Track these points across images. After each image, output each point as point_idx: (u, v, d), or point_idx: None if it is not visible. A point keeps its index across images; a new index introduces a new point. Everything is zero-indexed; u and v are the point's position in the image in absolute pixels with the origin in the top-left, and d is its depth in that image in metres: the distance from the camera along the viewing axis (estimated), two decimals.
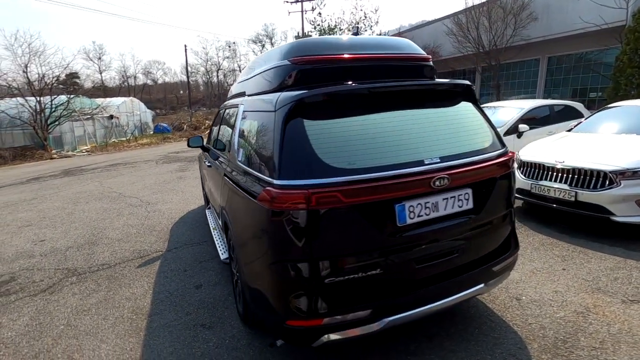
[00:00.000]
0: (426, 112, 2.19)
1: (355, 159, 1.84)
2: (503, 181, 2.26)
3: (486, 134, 2.28)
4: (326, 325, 1.85)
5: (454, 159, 2.00)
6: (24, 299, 3.34)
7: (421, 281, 2.02)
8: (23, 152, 15.77)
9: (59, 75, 17.30)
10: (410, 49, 2.60)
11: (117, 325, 2.81)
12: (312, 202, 1.73)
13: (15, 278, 3.81)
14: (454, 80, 2.40)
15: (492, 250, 2.27)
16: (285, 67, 2.27)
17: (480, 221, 2.15)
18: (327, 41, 2.47)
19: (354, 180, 1.77)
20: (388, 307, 1.93)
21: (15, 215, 6.35)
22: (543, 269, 3.29)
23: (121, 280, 3.58)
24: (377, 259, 1.89)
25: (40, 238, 5.03)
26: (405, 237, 1.90)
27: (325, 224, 1.78)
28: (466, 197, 2.05)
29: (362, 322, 1.89)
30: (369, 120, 2.02)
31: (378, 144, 1.93)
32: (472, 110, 2.36)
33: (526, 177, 4.66)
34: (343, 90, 2.00)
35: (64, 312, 3.05)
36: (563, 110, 7.35)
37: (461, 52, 12.09)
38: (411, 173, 1.86)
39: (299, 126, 1.89)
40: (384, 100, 2.12)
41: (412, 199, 1.89)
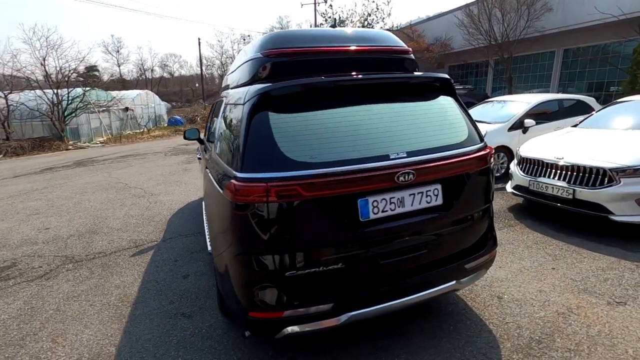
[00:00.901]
0: (398, 106, 2.16)
1: (318, 153, 1.83)
2: (479, 177, 2.21)
3: (462, 129, 2.22)
4: (287, 317, 1.87)
5: (422, 154, 1.97)
6: (21, 284, 3.48)
7: (386, 277, 2.01)
8: (41, 143, 16.28)
9: (75, 68, 17.70)
10: (389, 41, 2.56)
11: (102, 311, 2.90)
12: (272, 196, 1.74)
13: (16, 264, 3.97)
14: (430, 74, 2.35)
15: (465, 247, 2.23)
16: (258, 60, 2.27)
17: (451, 218, 2.11)
18: (302, 34, 2.45)
19: (315, 174, 1.77)
20: (351, 302, 1.93)
21: (26, 203, 6.59)
22: (531, 268, 3.22)
23: (114, 269, 3.69)
24: (339, 253, 1.88)
25: (45, 226, 5.22)
26: (368, 232, 1.89)
27: (286, 217, 1.78)
28: (435, 193, 2.02)
29: (324, 315, 1.89)
30: (335, 114, 2.00)
31: (343, 137, 1.91)
32: (449, 104, 2.30)
33: (525, 173, 4.55)
34: (309, 83, 1.99)
35: (55, 298, 3.17)
36: (574, 105, 7.09)
37: (472, 44, 11.76)
38: (374, 168, 1.84)
39: (263, 119, 1.89)
40: (353, 93, 2.09)
41: (376, 194, 1.87)
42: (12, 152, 14.58)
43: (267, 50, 2.25)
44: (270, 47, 2.27)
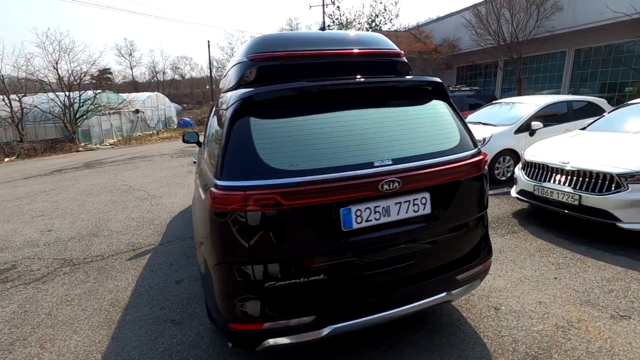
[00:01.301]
0: (385, 112, 2.09)
1: (298, 160, 1.77)
2: (471, 185, 2.13)
3: (453, 135, 2.14)
4: (268, 329, 1.81)
5: (408, 161, 1.89)
6: (18, 287, 3.51)
7: (371, 288, 1.93)
8: (53, 145, 16.60)
9: (87, 71, 18.02)
10: (381, 44, 2.49)
11: (93, 317, 2.89)
12: (250, 204, 1.69)
13: (16, 266, 4.01)
14: (420, 77, 2.28)
15: (456, 258, 2.15)
16: (243, 65, 2.23)
17: (441, 227, 2.03)
18: (290, 37, 2.41)
19: (294, 183, 1.71)
20: (334, 314, 1.87)
21: (32, 205, 6.69)
22: (532, 278, 3.10)
23: (109, 272, 3.69)
24: (320, 264, 1.82)
25: (48, 228, 5.27)
26: (351, 243, 1.82)
27: (264, 227, 1.73)
28: (423, 202, 1.94)
29: (306, 328, 1.83)
30: (318, 120, 1.94)
31: (325, 144, 1.85)
32: (441, 109, 2.22)
33: (530, 178, 4.41)
34: (291, 88, 1.93)
35: (49, 302, 3.17)
36: (584, 107, 6.89)
37: (480, 45, 11.55)
38: (357, 176, 1.77)
39: (244, 125, 1.84)
40: (338, 98, 2.03)
41: (360, 203, 1.81)
42: (25, 154, 14.90)
43: (253, 55, 2.21)
44: (257, 51, 2.23)
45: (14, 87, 16.66)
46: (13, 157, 14.34)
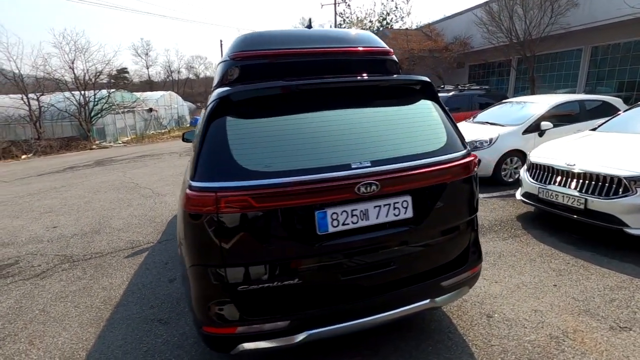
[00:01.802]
0: (367, 112, 2.02)
1: (272, 162, 1.73)
2: (458, 187, 2.04)
3: (439, 135, 2.06)
4: (241, 334, 1.78)
5: (389, 163, 1.82)
6: (18, 282, 3.58)
7: (349, 294, 1.88)
8: (69, 142, 17.04)
9: (101, 70, 18.40)
10: (369, 42, 2.42)
11: (84, 314, 2.92)
12: (221, 206, 1.65)
13: (19, 261, 4.10)
14: (405, 76, 2.20)
15: (441, 263, 2.07)
16: (226, 64, 2.20)
17: (424, 231, 1.96)
18: (275, 35, 2.36)
19: (267, 185, 1.67)
20: (310, 320, 1.82)
21: (42, 201, 6.86)
22: (531, 284, 2.98)
23: (106, 270, 3.73)
24: (295, 268, 1.78)
25: (54, 224, 5.39)
26: (327, 247, 1.77)
27: (237, 229, 1.69)
28: (404, 205, 1.87)
29: (281, 333, 1.79)
30: (296, 120, 1.89)
31: (302, 145, 1.80)
32: (427, 109, 2.14)
33: (534, 180, 4.26)
34: (268, 87, 1.89)
35: (44, 298, 3.22)
36: (599, 106, 6.64)
37: (491, 43, 11.25)
38: (332, 178, 1.72)
39: (220, 125, 1.81)
40: (318, 98, 1.98)
41: (336, 206, 1.75)
42: (41, 151, 15.33)
43: (236, 53, 2.17)
44: (239, 49, 2.19)
45: (33, 87, 17.13)
46: (30, 155, 14.77)
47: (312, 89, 1.95)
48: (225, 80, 2.19)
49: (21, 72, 16.99)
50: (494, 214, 4.73)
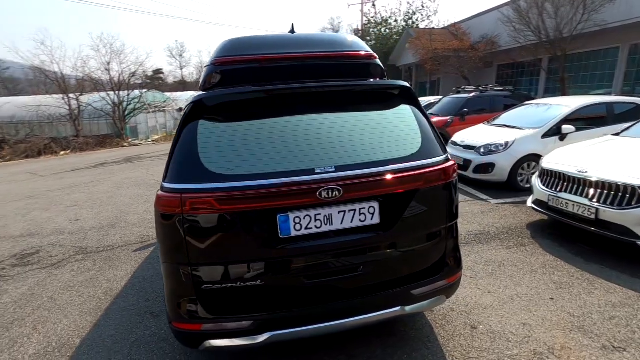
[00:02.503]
0: (338, 117, 2.02)
1: (236, 165, 1.78)
2: (432, 194, 2.00)
3: (413, 141, 2.02)
4: (205, 331, 1.84)
5: (354, 169, 1.82)
6: (35, 270, 3.86)
7: (314, 297, 1.89)
8: (104, 140, 18.04)
9: (135, 72, 19.33)
10: (352, 46, 2.41)
11: (85, 303, 3.11)
12: (186, 207, 1.72)
13: (39, 251, 4.41)
14: (381, 81, 2.18)
15: (412, 271, 2.03)
16: (209, 68, 2.27)
17: (392, 238, 1.94)
18: (257, 40, 2.41)
19: (229, 187, 1.72)
20: (273, 321, 1.85)
21: (70, 196, 7.33)
22: (526, 296, 2.85)
23: (113, 262, 3.95)
24: (257, 270, 1.82)
25: (77, 217, 5.75)
26: (289, 250, 1.80)
27: (201, 230, 1.76)
28: (371, 211, 1.86)
29: (244, 333, 1.84)
30: (262, 125, 1.93)
31: (267, 149, 1.84)
32: (403, 114, 2.11)
33: (545, 187, 4.06)
34: (237, 93, 1.94)
35: (54, 287, 3.46)
36: (631, 110, 6.20)
37: (519, 42, 10.73)
38: (294, 182, 1.74)
39: (192, 128, 1.88)
40: (288, 102, 2.00)
41: (298, 210, 1.77)
42: (78, 148, 16.32)
43: (217, 59, 2.24)
44: (222, 54, 2.25)
45: (73, 87, 18.29)
46: (68, 151, 15.77)
47: (281, 94, 1.98)
48: (208, 85, 2.26)
49: (63, 74, 18.19)
50: (504, 221, 4.56)
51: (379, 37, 21.33)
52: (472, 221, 4.58)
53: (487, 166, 5.81)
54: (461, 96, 8.73)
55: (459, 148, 6.42)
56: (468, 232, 4.22)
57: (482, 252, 3.69)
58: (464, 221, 4.57)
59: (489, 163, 5.78)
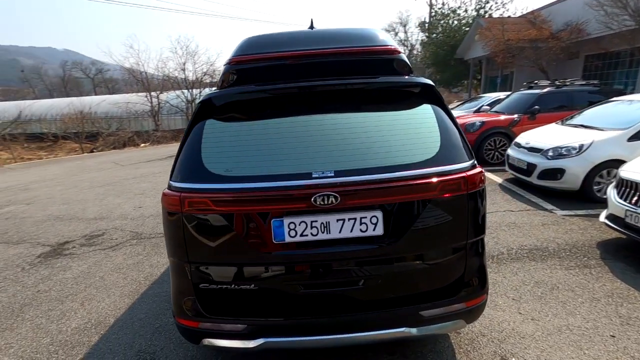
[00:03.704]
0: (346, 117, 1.88)
1: (234, 166, 1.75)
2: (450, 205, 1.77)
3: (430, 145, 1.80)
4: (203, 329, 1.86)
5: (356, 174, 1.68)
6: (96, 251, 4.33)
7: (310, 308, 1.79)
8: (178, 134, 19.76)
9: (206, 71, 20.81)
10: (374, 41, 2.24)
11: (127, 286, 3.40)
12: (185, 206, 1.75)
13: (104, 234, 4.95)
14: (396, 79, 1.98)
15: (422, 290, 1.82)
16: (226, 68, 2.28)
17: (398, 252, 1.75)
18: (275, 38, 2.35)
19: (224, 189, 1.70)
20: (268, 327, 1.80)
21: (140, 184, 8.13)
22: (579, 329, 2.43)
23: (160, 249, 4.26)
24: (251, 274, 1.78)
25: (140, 205, 6.34)
26: (283, 256, 1.73)
27: (198, 229, 1.77)
28: (373, 221, 1.70)
29: (239, 335, 1.82)
30: (264, 125, 1.87)
31: (265, 151, 1.78)
32: (424, 115, 1.90)
33: (623, 200, 3.43)
34: (242, 92, 1.91)
35: (107, 267, 3.84)
36: None
37: (611, 28, 9.15)
38: (288, 187, 1.66)
39: (199, 127, 1.90)
40: (294, 102, 1.92)
41: (294, 216, 1.69)
42: (156, 141, 18.11)
43: (235, 58, 2.23)
44: (238, 53, 2.24)
45: (154, 86, 20.32)
46: (147, 144, 17.57)
47: (285, 93, 1.90)
48: (225, 85, 2.28)
49: (147, 74, 20.30)
50: (568, 236, 3.96)
51: (445, 29, 20.03)
52: (529, 234, 4.05)
53: (555, 172, 5.10)
54: (532, 92, 7.79)
55: (522, 150, 5.74)
56: (521, 247, 3.74)
57: (533, 271, 3.24)
58: (518, 233, 4.07)
59: (557, 168, 5.07)
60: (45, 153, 17.38)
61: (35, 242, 4.78)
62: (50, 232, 5.14)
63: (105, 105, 21.35)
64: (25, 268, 3.96)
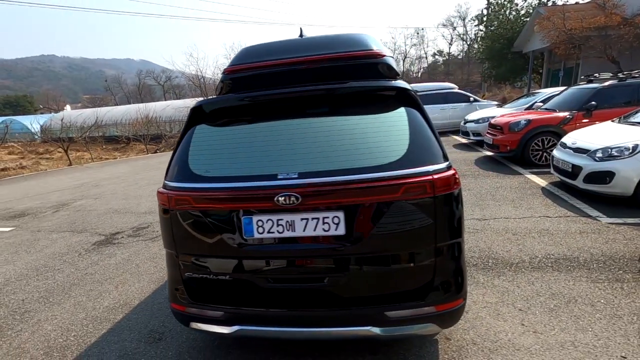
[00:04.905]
0: (315, 122, 1.96)
1: (213, 167, 1.93)
2: (417, 208, 1.77)
3: (398, 147, 1.81)
4: (190, 314, 2.07)
5: (319, 176, 1.76)
6: (139, 241, 4.87)
7: (277, 300, 1.91)
8: None
9: None
10: (359, 45, 2.29)
11: (156, 273, 3.79)
12: (172, 203, 1.97)
13: (149, 227, 5.52)
14: (367, 83, 2.00)
15: (386, 291, 1.84)
16: (223, 77, 2.48)
17: (361, 253, 1.80)
18: (267, 47, 2.49)
19: (204, 188, 1.89)
20: (241, 316, 1.96)
21: None
22: (586, 346, 2.23)
23: None
24: (226, 266, 1.94)
25: None
26: (251, 251, 1.87)
27: (183, 224, 1.97)
28: (335, 222, 1.76)
29: (218, 322, 2.00)
30: (241, 130, 2.02)
31: (240, 154, 1.93)
32: (396, 118, 1.91)
33: None
34: (223, 100, 2.07)
35: (144, 256, 4.31)
36: None
37: None
38: (255, 187, 1.79)
39: (190, 132, 2.12)
40: (270, 108, 2.04)
41: (262, 214, 1.82)
42: None
43: (230, 67, 2.42)
44: (234, 63, 2.43)
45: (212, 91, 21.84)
46: None
47: (261, 101, 2.04)
48: (222, 93, 2.48)
49: (205, 79, 21.88)
50: (607, 246, 3.58)
51: (502, 21, 18.62)
52: (560, 242, 3.74)
53: (603, 175, 4.60)
54: (589, 86, 7.03)
55: (568, 151, 5.25)
56: (547, 255, 3.48)
57: (553, 282, 3.00)
58: (548, 241, 3.78)
59: (606, 171, 4.57)
60: (119, 154, 19.56)
61: (93, 232, 5.50)
62: (107, 224, 5.86)
63: (169, 110, 23.38)
64: (82, 253, 4.59)
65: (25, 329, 2.95)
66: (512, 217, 4.55)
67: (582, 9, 13.08)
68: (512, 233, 4.06)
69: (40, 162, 16.86)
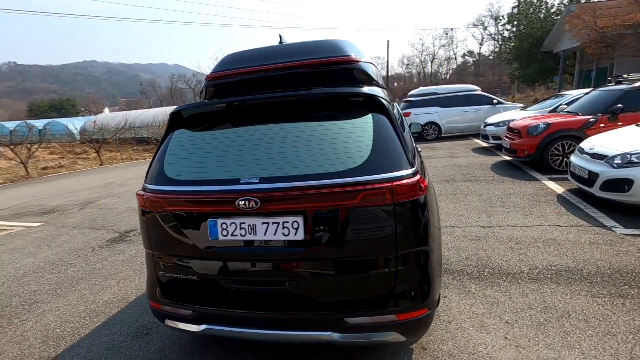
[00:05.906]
0: (280, 128, 1.99)
1: (185, 171, 2.01)
2: (377, 215, 1.76)
3: (360, 154, 1.80)
4: (164, 311, 2.16)
5: (278, 182, 1.78)
6: None
7: (241, 302, 1.96)
8: None
9: None
10: (335, 51, 2.30)
11: None
12: (148, 205, 2.06)
13: None
14: (332, 90, 2.01)
15: (346, 298, 1.84)
16: (206, 83, 2.56)
17: (320, 258, 1.81)
18: (249, 54, 2.55)
19: (174, 191, 1.97)
20: (209, 316, 2.02)
21: None
22: None
23: None
24: (194, 267, 2.01)
25: None
26: (216, 253, 1.92)
27: (157, 224, 2.06)
28: (294, 226, 1.79)
29: (188, 320, 2.07)
30: (211, 136, 2.09)
31: (209, 159, 1.99)
32: (362, 124, 1.91)
33: None
34: (197, 106, 2.14)
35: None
36: None
37: None
38: (218, 191, 1.85)
39: (169, 137, 2.21)
40: (240, 115, 2.09)
41: (226, 217, 1.87)
42: None
43: (212, 74, 2.51)
44: (216, 70, 2.51)
45: None
46: None
47: (230, 109, 2.09)
48: (206, 99, 2.57)
49: None
50: (617, 259, 3.36)
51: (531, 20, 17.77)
52: (566, 253, 3.55)
53: (621, 183, 4.32)
54: (616, 88, 6.60)
55: (585, 157, 4.97)
56: (548, 266, 3.31)
57: (549, 295, 2.86)
58: (553, 252, 3.60)
59: (624, 179, 4.29)
60: (149, 154, 20.42)
61: (110, 229, 5.79)
62: (124, 222, 6.16)
63: None
64: (95, 249, 4.86)
65: (31, 318, 3.17)
66: (520, 225, 4.37)
67: (616, 5, 12.25)
68: (516, 242, 3.89)
69: (77, 162, 17.94)
